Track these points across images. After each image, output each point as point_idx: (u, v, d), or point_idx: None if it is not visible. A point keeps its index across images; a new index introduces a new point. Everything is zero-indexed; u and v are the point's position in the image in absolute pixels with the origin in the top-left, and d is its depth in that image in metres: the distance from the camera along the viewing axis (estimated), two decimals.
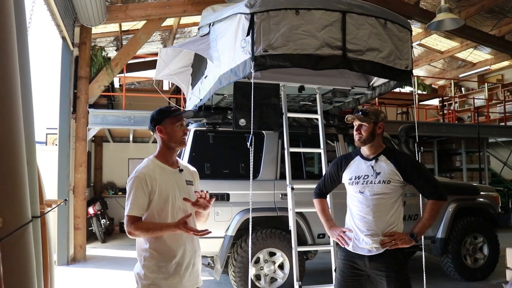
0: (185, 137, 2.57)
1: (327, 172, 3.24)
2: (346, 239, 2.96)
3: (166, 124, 2.53)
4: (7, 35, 1.55)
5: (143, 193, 2.38)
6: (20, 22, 1.77)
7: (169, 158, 2.56)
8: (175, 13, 8.49)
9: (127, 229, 2.35)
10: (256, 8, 3.58)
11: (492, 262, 6.02)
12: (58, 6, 6.10)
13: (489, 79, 14.84)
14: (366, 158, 2.99)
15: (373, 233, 2.85)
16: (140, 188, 2.37)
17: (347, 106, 5.71)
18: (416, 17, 9.89)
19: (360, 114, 2.94)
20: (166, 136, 2.52)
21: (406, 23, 4.24)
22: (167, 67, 5.48)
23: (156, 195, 2.41)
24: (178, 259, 2.43)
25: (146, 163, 2.49)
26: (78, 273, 6.86)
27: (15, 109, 1.58)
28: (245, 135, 4.69)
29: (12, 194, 1.56)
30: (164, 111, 2.57)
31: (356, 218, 2.94)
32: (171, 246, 2.42)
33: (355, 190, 2.96)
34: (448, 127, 11.23)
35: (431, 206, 2.84)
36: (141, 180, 2.38)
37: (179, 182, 2.54)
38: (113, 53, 10.68)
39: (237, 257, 4.90)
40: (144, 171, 2.42)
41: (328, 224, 3.13)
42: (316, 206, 3.25)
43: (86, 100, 7.90)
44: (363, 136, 2.93)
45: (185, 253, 2.47)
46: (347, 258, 2.98)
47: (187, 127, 5.41)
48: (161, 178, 2.44)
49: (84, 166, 7.83)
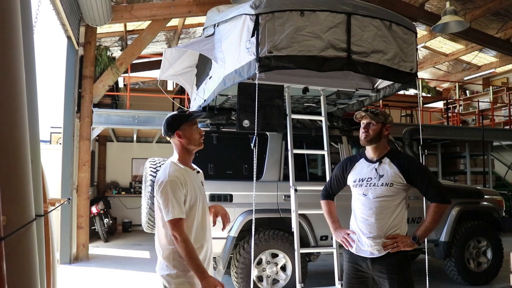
0: (202, 138, 2.65)
1: (333, 174, 3.27)
2: (350, 241, 2.96)
3: (184, 128, 2.58)
4: (13, 34, 1.56)
5: (181, 196, 2.42)
6: (26, 21, 1.78)
7: (189, 161, 2.63)
8: (180, 13, 8.50)
9: (173, 232, 2.36)
10: (261, 9, 3.58)
11: (495, 266, 5.99)
12: (63, 5, 6.12)
13: (494, 82, 14.78)
14: (370, 161, 2.99)
15: (375, 235, 2.86)
16: (177, 190, 2.41)
17: (351, 108, 5.70)
18: (421, 19, 9.87)
19: (370, 113, 2.96)
20: (185, 140, 2.58)
21: (411, 25, 4.23)
22: (172, 67, 5.49)
23: (188, 197, 2.46)
24: (203, 256, 2.50)
25: (174, 167, 2.52)
26: (81, 272, 6.88)
27: (20, 108, 1.59)
28: (249, 136, 4.69)
29: (16, 192, 1.56)
30: (180, 116, 2.62)
31: (359, 221, 2.95)
32: (197, 243, 2.48)
33: (359, 193, 2.97)
34: (453, 130, 11.19)
35: (434, 209, 2.82)
36: (176, 183, 2.42)
37: (198, 183, 2.61)
38: (118, 52, 10.70)
39: (239, 258, 4.90)
40: (177, 174, 2.46)
41: (334, 226, 3.15)
42: (322, 208, 3.29)
43: (91, 100, 7.92)
44: (370, 134, 2.93)
45: (207, 250, 2.57)
46: (351, 260, 3.00)
47: None
48: (188, 180, 2.50)
49: (88, 165, 7.85)
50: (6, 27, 1.51)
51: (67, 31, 7.02)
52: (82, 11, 7.34)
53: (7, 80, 1.51)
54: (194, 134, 2.60)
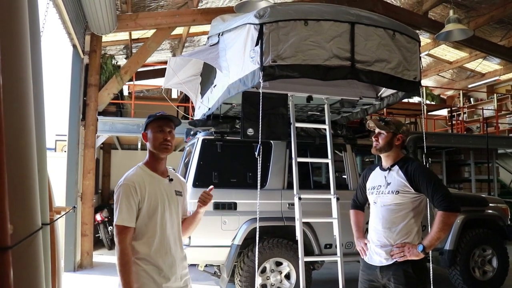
0: (166, 143, 2.40)
1: (358, 183, 3.33)
2: (365, 250, 2.99)
3: (149, 129, 2.44)
4: (22, 44, 1.58)
5: (133, 202, 2.27)
6: (33, 30, 1.80)
7: (157, 166, 2.44)
8: (184, 22, 8.55)
9: (115, 238, 2.26)
10: (265, 18, 3.61)
11: (501, 275, 5.95)
12: (69, 14, 6.17)
13: (498, 90, 14.75)
14: (383, 169, 2.99)
15: (382, 243, 2.85)
16: (129, 196, 2.26)
17: (355, 116, 5.71)
18: (425, 27, 9.88)
19: (381, 122, 2.95)
20: (148, 143, 2.44)
21: (415, 34, 4.25)
22: (176, 75, 5.53)
23: (145, 204, 2.30)
24: (165, 273, 2.32)
25: (135, 171, 2.39)
26: (85, 279, 6.88)
27: (27, 117, 1.60)
28: (253, 145, 4.70)
29: (23, 201, 1.57)
30: (149, 116, 2.47)
31: (371, 229, 2.98)
32: (158, 258, 2.31)
33: (371, 201, 3.00)
34: (457, 137, 11.16)
35: (440, 217, 2.72)
36: (130, 188, 2.28)
37: (168, 192, 2.43)
38: (122, 61, 10.76)
39: (243, 266, 4.89)
40: (133, 179, 2.32)
41: (357, 235, 3.18)
42: (350, 217, 3.32)
43: (96, 108, 7.97)
44: (380, 144, 2.94)
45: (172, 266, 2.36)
46: (364, 268, 3.03)
47: (194, 136, 5.45)
48: (150, 186, 2.34)
49: (93, 173, 7.87)
50: (15, 37, 1.53)
51: (73, 40, 7.08)
52: (88, 20, 7.40)
53: (16, 90, 1.53)
54: (156, 137, 2.39)
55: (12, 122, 1.49)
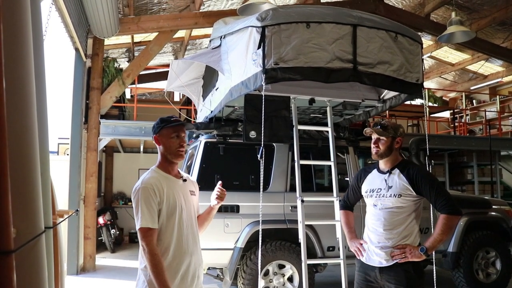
0: (181, 149, 2.48)
1: (350, 184, 3.33)
2: (361, 250, 2.98)
3: (163, 134, 2.48)
4: (24, 47, 1.58)
5: (154, 204, 2.30)
6: (36, 33, 1.81)
7: (171, 169, 2.51)
8: (186, 25, 8.57)
9: (141, 242, 2.26)
10: (267, 21, 3.61)
11: (505, 277, 5.93)
12: (72, 18, 6.19)
13: (501, 92, 14.72)
14: (381, 171, 2.99)
15: (383, 245, 2.86)
16: (149, 198, 2.30)
17: (357, 118, 5.70)
18: (427, 29, 9.88)
19: (379, 127, 2.94)
20: (162, 147, 2.49)
21: (417, 36, 4.24)
22: (179, 78, 5.53)
23: (164, 205, 2.34)
24: (183, 270, 2.37)
25: (151, 174, 2.43)
26: (88, 283, 6.88)
27: (30, 120, 1.61)
28: (256, 147, 4.70)
29: (26, 204, 1.57)
30: (164, 121, 2.50)
31: (370, 230, 2.97)
32: (177, 256, 2.36)
33: (370, 203, 2.99)
34: (459, 139, 11.13)
35: (443, 220, 2.77)
36: (149, 190, 2.32)
37: (184, 192, 2.50)
38: (125, 64, 10.79)
39: (246, 269, 4.88)
40: (151, 181, 2.36)
41: (349, 236, 3.18)
42: (340, 218, 3.35)
43: (98, 111, 7.98)
44: (381, 149, 2.93)
45: (192, 264, 2.42)
46: (361, 269, 3.03)
47: (196, 139, 5.45)
48: (167, 188, 2.39)
49: (95, 176, 7.88)
50: (17, 41, 1.54)
51: (75, 43, 7.10)
52: (90, 24, 7.42)
53: (19, 93, 1.54)
54: (172, 143, 2.45)
55: (15, 126, 1.49)
